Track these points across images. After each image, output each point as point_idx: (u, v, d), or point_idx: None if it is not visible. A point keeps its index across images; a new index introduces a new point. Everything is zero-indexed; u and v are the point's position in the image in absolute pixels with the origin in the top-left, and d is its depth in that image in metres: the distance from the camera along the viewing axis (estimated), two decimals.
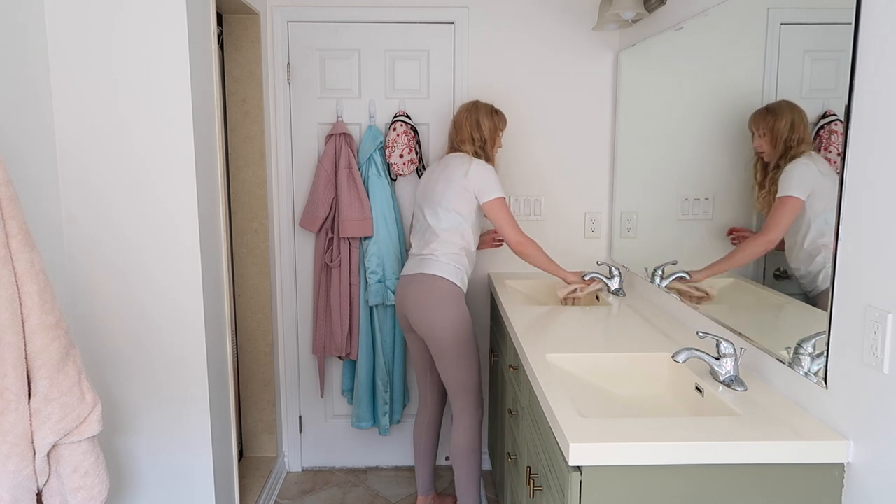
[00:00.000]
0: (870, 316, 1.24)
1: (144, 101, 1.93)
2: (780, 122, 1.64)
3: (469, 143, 2.50)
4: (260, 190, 2.84)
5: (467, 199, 2.42)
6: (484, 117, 2.52)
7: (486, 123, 2.51)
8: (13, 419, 1.42)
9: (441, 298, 2.41)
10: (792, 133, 1.59)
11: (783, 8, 1.63)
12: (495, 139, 2.56)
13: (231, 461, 2.32)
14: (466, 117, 2.52)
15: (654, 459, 1.30)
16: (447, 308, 2.40)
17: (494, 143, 2.56)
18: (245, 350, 2.97)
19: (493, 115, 2.54)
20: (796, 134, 1.57)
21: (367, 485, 3.02)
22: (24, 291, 1.43)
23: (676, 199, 2.26)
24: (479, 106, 2.55)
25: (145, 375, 2.05)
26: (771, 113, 1.68)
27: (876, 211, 1.24)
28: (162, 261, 2.00)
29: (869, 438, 1.26)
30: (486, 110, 2.54)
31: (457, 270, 2.44)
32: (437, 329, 2.41)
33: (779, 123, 1.64)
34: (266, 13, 2.82)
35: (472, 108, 2.54)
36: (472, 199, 2.43)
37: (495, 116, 2.55)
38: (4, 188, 1.40)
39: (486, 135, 2.51)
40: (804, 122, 1.54)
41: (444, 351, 2.42)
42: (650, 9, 2.43)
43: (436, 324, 2.41)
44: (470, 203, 2.43)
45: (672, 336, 2.03)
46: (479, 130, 2.51)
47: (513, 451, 2.20)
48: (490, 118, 2.53)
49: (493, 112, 2.54)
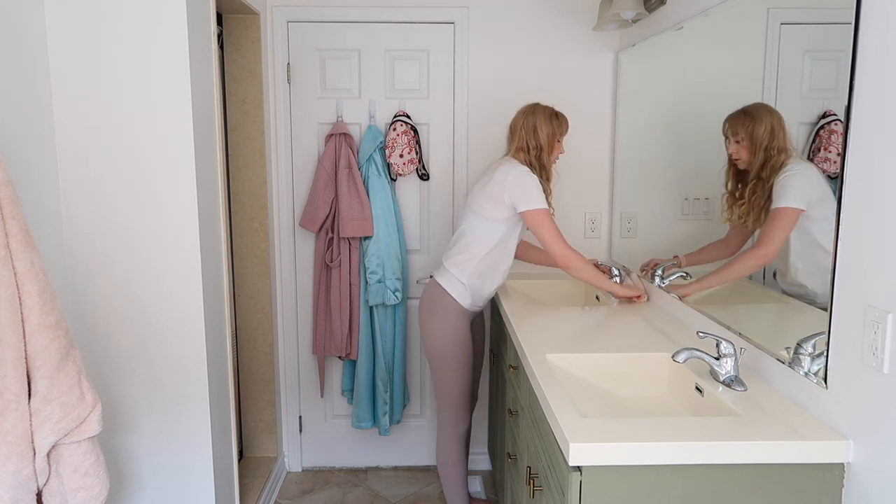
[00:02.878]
0: (870, 316, 1.24)
1: (145, 101, 1.93)
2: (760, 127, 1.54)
3: (524, 152, 2.32)
4: (260, 190, 2.84)
5: (501, 207, 2.26)
6: (542, 122, 2.31)
7: (545, 129, 2.31)
8: (13, 419, 1.42)
9: (434, 307, 2.38)
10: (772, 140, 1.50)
11: (783, 8, 1.63)
12: (553, 147, 2.35)
13: (231, 461, 2.32)
14: (522, 122, 2.34)
15: (654, 459, 1.30)
16: (438, 319, 2.36)
17: (553, 151, 2.35)
18: (245, 350, 2.97)
19: (552, 119, 2.33)
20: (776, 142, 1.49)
21: (367, 485, 3.02)
22: (24, 291, 1.43)
23: (676, 199, 2.26)
24: (537, 109, 2.35)
25: (145, 375, 2.05)
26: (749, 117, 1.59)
27: (876, 211, 1.24)
28: (162, 261, 2.00)
29: (869, 438, 1.26)
30: (546, 114, 2.33)
31: (458, 284, 2.34)
32: (426, 337, 2.41)
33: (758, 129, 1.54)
34: (266, 13, 2.82)
35: (530, 111, 2.35)
36: (506, 208, 2.27)
37: (555, 121, 2.33)
38: (4, 188, 1.40)
39: (542, 142, 2.31)
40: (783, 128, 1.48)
41: (431, 360, 2.42)
42: (650, 9, 2.42)
43: (425, 331, 2.41)
44: (503, 212, 2.27)
45: (672, 336, 2.03)
46: (536, 137, 2.31)
47: (513, 451, 2.20)
48: (549, 123, 2.32)
49: (552, 116, 2.34)
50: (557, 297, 2.83)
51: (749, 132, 1.57)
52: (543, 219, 2.25)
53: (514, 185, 2.23)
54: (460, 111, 2.89)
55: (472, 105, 2.89)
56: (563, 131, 2.38)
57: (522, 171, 2.25)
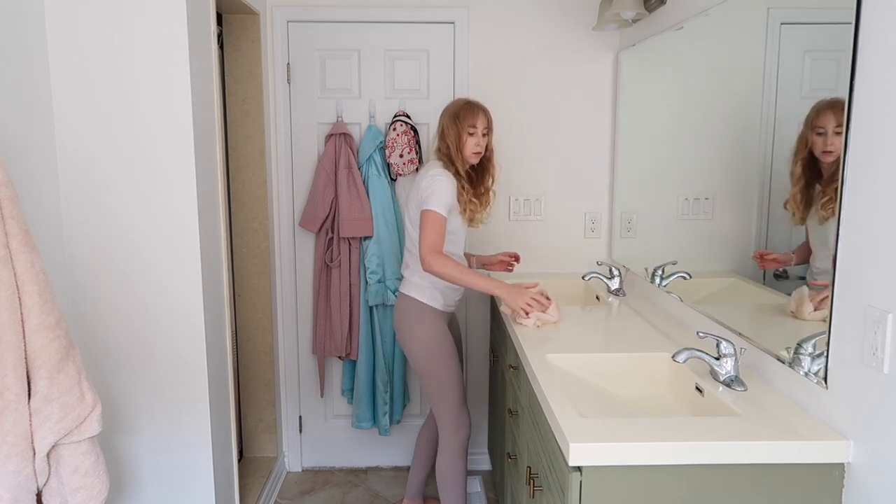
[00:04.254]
0: (870, 316, 1.24)
1: (144, 101, 1.93)
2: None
3: (439, 152, 2.32)
4: (260, 190, 2.84)
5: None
6: (447, 124, 2.28)
7: (451, 131, 2.26)
8: (13, 419, 1.42)
9: (407, 317, 2.35)
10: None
11: (783, 8, 1.63)
12: (461, 146, 2.26)
13: (231, 461, 2.32)
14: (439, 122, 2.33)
15: (654, 459, 1.30)
16: (413, 327, 2.33)
17: (463, 149, 2.27)
18: (245, 350, 2.97)
19: (455, 120, 2.26)
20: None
21: (367, 485, 3.02)
22: (24, 291, 1.43)
23: (676, 199, 2.26)
24: (446, 110, 2.33)
25: (145, 375, 2.05)
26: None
27: (876, 211, 1.24)
28: (162, 261, 2.00)
29: (869, 438, 1.26)
30: (449, 114, 2.29)
31: (425, 288, 2.33)
32: (407, 348, 2.37)
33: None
34: (266, 13, 2.82)
35: (443, 111, 2.34)
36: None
37: (459, 120, 2.26)
38: (4, 188, 1.40)
39: (450, 141, 2.26)
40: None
41: (418, 370, 2.37)
42: (650, 9, 2.42)
43: (405, 343, 2.37)
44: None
45: (672, 336, 2.02)
46: (444, 138, 2.29)
47: (513, 451, 2.20)
48: (453, 124, 2.26)
49: (455, 116, 2.27)
50: (557, 297, 2.83)
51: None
52: (430, 219, 2.18)
53: (425, 187, 2.23)
54: None
55: None
56: (472, 124, 2.26)
57: (435, 175, 2.23)
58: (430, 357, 2.32)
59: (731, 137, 1.88)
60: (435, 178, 2.23)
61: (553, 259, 3.02)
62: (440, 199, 2.20)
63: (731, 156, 1.88)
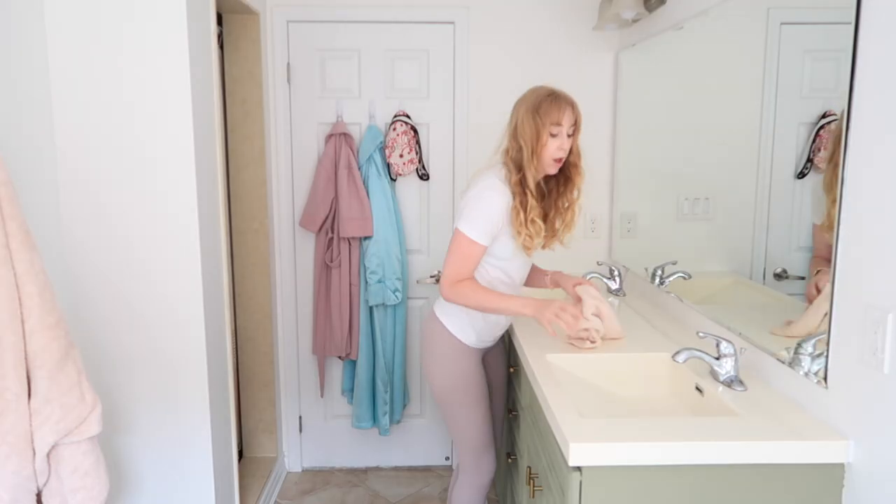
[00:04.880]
0: (870, 316, 1.24)
1: (144, 101, 1.93)
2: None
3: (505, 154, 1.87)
4: (260, 190, 2.84)
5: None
6: (524, 119, 1.79)
7: (527, 128, 1.78)
8: (13, 419, 1.42)
9: (431, 342, 2.01)
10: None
11: (783, 8, 1.63)
12: (539, 150, 1.78)
13: (231, 461, 2.32)
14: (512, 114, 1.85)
15: (654, 459, 1.30)
16: (436, 357, 2.00)
17: (541, 154, 1.79)
18: (245, 350, 2.97)
19: (535, 114, 1.77)
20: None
21: (367, 485, 3.02)
22: (24, 291, 1.43)
23: (676, 199, 2.26)
24: (524, 99, 1.83)
25: (145, 375, 2.05)
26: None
27: (876, 211, 1.24)
28: (162, 261, 2.00)
29: (869, 438, 1.26)
30: (529, 105, 1.79)
31: (457, 317, 1.97)
32: (428, 378, 2.05)
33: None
34: (266, 13, 2.82)
35: (519, 101, 1.85)
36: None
37: (537, 117, 1.77)
38: (4, 188, 1.40)
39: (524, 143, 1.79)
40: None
41: (438, 401, 2.05)
42: (650, 9, 2.42)
43: (426, 368, 2.05)
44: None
45: (672, 336, 2.02)
46: (517, 137, 1.82)
47: (513, 451, 2.20)
48: (531, 118, 1.77)
49: (536, 110, 1.78)
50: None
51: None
52: (457, 244, 1.82)
53: (468, 201, 1.84)
54: (460, 111, 2.89)
55: (472, 105, 2.89)
56: (557, 121, 1.77)
57: (484, 189, 1.82)
58: (451, 395, 1.99)
59: (731, 137, 1.88)
60: (482, 194, 1.82)
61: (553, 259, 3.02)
62: (478, 224, 1.80)
63: (730, 156, 1.88)
